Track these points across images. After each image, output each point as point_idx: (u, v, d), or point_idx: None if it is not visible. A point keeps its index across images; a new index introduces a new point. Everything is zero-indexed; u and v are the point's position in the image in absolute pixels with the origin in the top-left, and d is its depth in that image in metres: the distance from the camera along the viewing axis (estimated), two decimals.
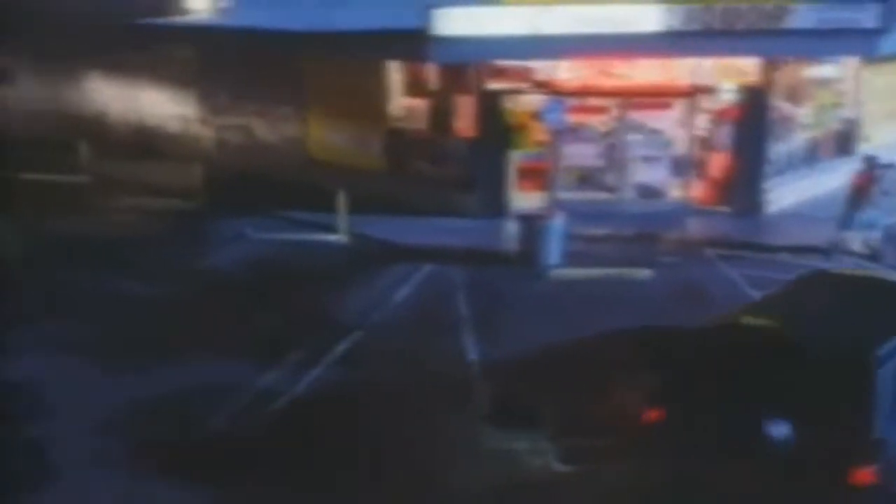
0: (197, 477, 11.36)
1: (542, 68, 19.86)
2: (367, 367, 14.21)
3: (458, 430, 12.40)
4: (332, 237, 19.50)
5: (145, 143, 24.87)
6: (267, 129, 22.98)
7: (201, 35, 23.19)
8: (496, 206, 20.14)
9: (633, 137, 20.35)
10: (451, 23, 18.27)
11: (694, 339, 11.20)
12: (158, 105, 24.68)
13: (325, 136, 22.29)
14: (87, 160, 23.02)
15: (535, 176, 20.04)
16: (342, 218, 19.53)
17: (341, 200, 19.44)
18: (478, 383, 13.54)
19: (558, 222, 17.87)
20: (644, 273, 17.43)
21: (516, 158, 20.38)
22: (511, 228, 18.99)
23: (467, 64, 20.04)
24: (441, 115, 21.07)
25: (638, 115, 20.26)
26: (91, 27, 25.44)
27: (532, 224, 17.94)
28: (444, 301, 16.50)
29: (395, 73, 21.43)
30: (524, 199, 19.91)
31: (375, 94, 21.52)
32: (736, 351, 10.48)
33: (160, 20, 23.87)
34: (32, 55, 27.61)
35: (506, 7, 18.61)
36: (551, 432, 12.18)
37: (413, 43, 18.68)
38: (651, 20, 18.50)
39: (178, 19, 23.67)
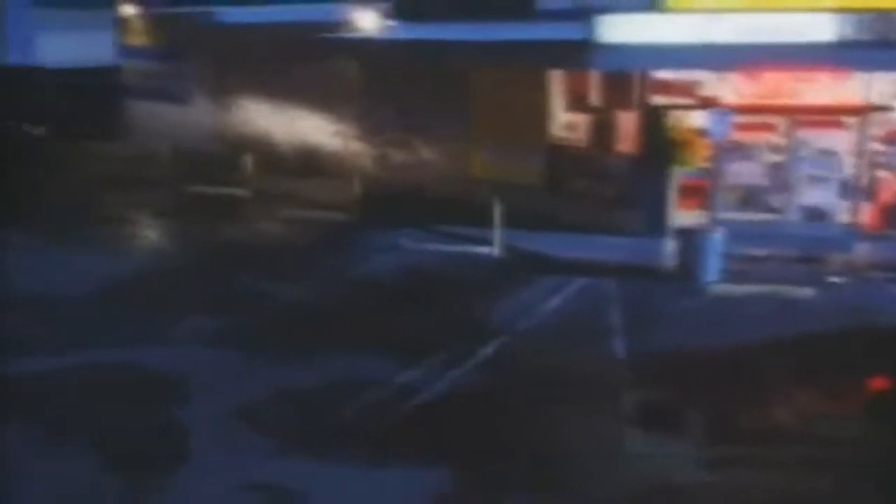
0: (325, 463, 11.27)
1: (708, 83, 19.30)
2: (510, 371, 13.93)
3: (602, 434, 12.00)
4: (485, 250, 19.31)
5: (306, 159, 25.28)
6: (427, 144, 22.98)
7: (367, 50, 23.45)
8: (656, 225, 19.57)
9: (801, 157, 19.52)
10: (615, 31, 17.93)
11: None
12: (321, 122, 25.03)
13: (484, 151, 22.14)
14: (250, 175, 23.63)
15: (697, 194, 19.42)
16: (497, 232, 19.34)
17: (497, 214, 19.26)
18: (625, 389, 13.12)
19: (718, 237, 17.27)
20: (806, 292, 16.62)
21: (678, 176, 19.81)
22: (670, 246, 18.42)
23: (630, 78, 19.66)
24: (603, 132, 20.68)
25: (807, 134, 19.43)
26: (258, 44, 26.24)
27: (691, 238, 17.41)
28: (595, 312, 16.09)
29: (557, 88, 21.16)
30: (684, 218, 19.29)
31: (537, 109, 21.30)
32: None
33: (328, 36, 24.25)
34: (203, 74, 28.58)
35: (671, 15, 18.17)
36: (699, 440, 11.75)
37: (577, 52, 18.39)
38: (823, 30, 17.73)
39: (345, 35, 23.97)
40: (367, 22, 23.72)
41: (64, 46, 34.61)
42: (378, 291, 17.53)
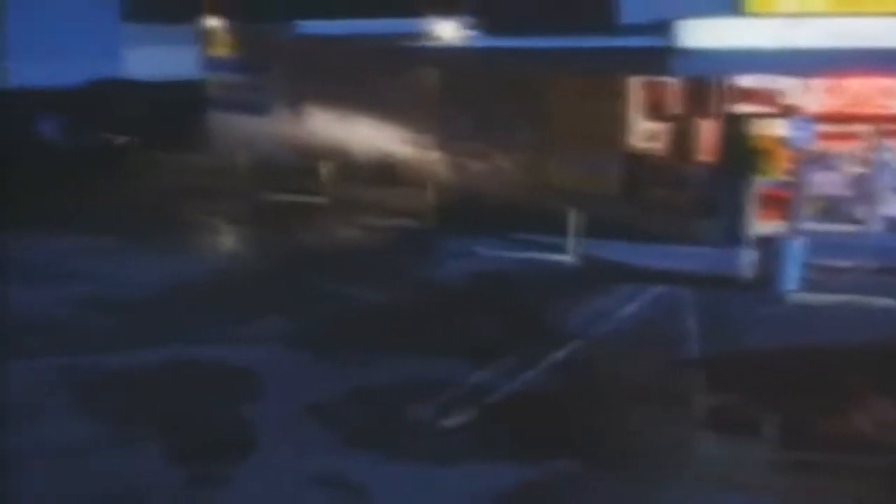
0: (392, 459, 11.27)
1: (790, 91, 18.99)
2: (583, 374, 13.81)
3: (674, 436, 11.82)
4: (560, 257, 19.17)
5: (383, 168, 25.42)
6: (504, 153, 22.96)
7: (446, 58, 23.55)
8: (735, 235, 19.25)
9: (885, 167, 19.09)
10: (695, 36, 17.73)
11: None
12: (398, 131, 25.16)
13: (561, 160, 22.02)
14: (328, 184, 23.84)
15: (777, 204, 19.10)
16: (572, 239, 19.20)
17: (573, 222, 19.13)
18: (701, 393, 12.90)
19: (799, 246, 16.95)
20: (887, 303, 16.21)
21: (758, 186, 19.49)
22: (749, 256, 18.12)
23: (710, 86, 19.43)
24: (681, 140, 20.43)
25: (892, 144, 19.01)
26: (338, 55, 26.52)
27: (772, 247, 17.13)
28: (671, 319, 15.85)
29: (636, 96, 20.99)
30: (764, 228, 18.96)
31: (615, 118, 21.14)
32: None
33: (407, 45, 24.43)
34: (284, 85, 28.92)
35: (751, 19, 17.92)
36: (773, 445, 11.53)
37: (656, 58, 18.22)
38: None
39: (424, 44, 24.11)
40: (447, 32, 23.82)
41: (149, 60, 35.37)
42: (451, 295, 17.52)
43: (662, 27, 18.75)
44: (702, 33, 17.80)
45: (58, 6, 35.19)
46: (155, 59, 35.24)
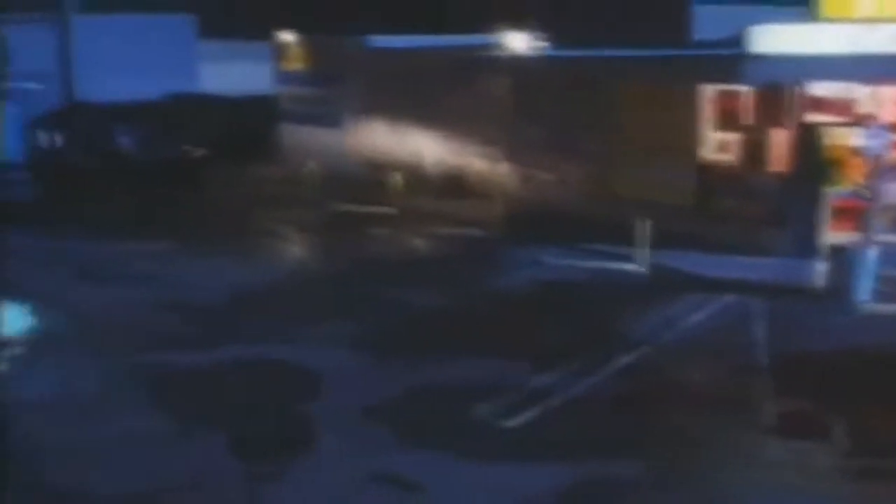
0: (448, 458, 11.24)
1: (864, 99, 18.66)
2: (649, 378, 13.68)
3: (740, 441, 11.65)
4: (628, 266, 19.00)
5: (453, 179, 25.46)
6: (573, 163, 22.80)
7: (516, 68, 23.59)
8: (806, 245, 18.91)
9: None
10: (768, 41, 17.49)
11: None
12: (468, 143, 25.18)
13: (631, 170, 21.80)
14: (397, 195, 23.97)
15: (851, 215, 18.68)
16: (641, 249, 19.02)
17: (641, 232, 18.96)
18: (768, 399, 12.71)
19: (872, 257, 16.61)
20: None
21: (831, 196, 19.14)
22: (820, 266, 17.80)
23: (783, 95, 19.15)
24: (753, 150, 20.13)
25: None
26: (409, 68, 26.69)
27: (844, 257, 16.81)
28: (740, 327, 15.56)
29: (707, 105, 20.74)
30: (837, 239, 18.60)
31: (686, 128, 20.90)
32: None
33: (478, 55, 24.56)
34: (355, 98, 29.14)
35: (825, 24, 17.65)
36: (841, 451, 11.33)
37: (728, 65, 18.01)
38: None
39: (495, 55, 24.19)
40: (519, 45, 23.86)
41: (225, 76, 35.95)
42: (516, 302, 17.45)
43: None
44: (775, 39, 17.54)
45: (136, 23, 35.94)
46: (230, 74, 35.82)
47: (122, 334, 15.37)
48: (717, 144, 20.76)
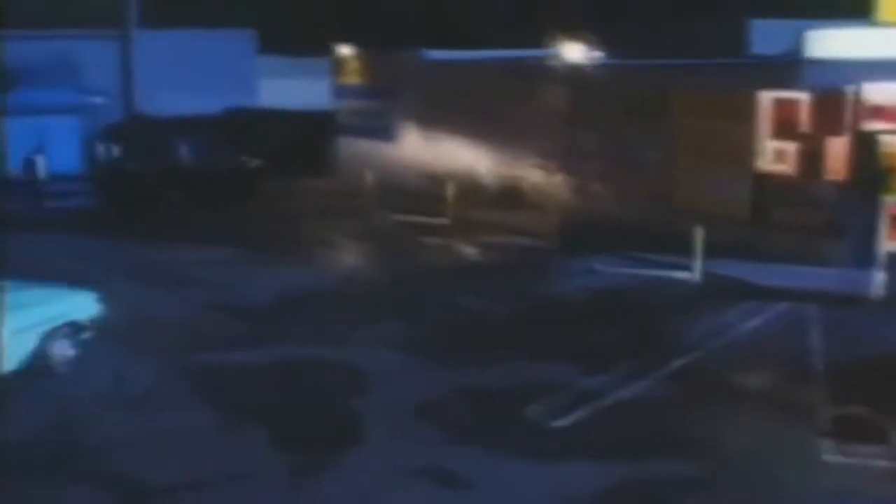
0: (496, 454, 11.28)
1: None
2: (701, 381, 13.57)
3: (793, 444, 11.55)
4: (682, 274, 18.88)
5: (508, 190, 25.49)
6: (629, 174, 22.75)
7: (572, 78, 23.61)
8: (864, 254, 18.67)
9: None
10: (825, 46, 17.33)
11: None
12: (524, 154, 25.21)
13: (686, 181, 21.67)
14: (452, 206, 24.03)
15: None
16: (697, 259, 18.88)
17: (697, 241, 18.82)
18: (822, 403, 12.52)
19: None
20: None
21: (889, 205, 18.90)
22: (879, 276, 17.57)
23: (841, 103, 18.94)
24: (811, 160, 19.91)
25: None
26: (464, 81, 26.84)
27: None
28: (795, 334, 15.43)
29: (764, 114, 20.56)
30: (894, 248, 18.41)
31: (743, 137, 20.72)
32: None
33: (534, 65, 24.63)
34: (411, 111, 29.31)
35: (884, 28, 17.46)
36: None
37: (786, 70, 17.86)
38: None
39: (551, 65, 24.23)
40: (575, 54, 23.88)
41: (283, 91, 36.44)
42: (568, 307, 17.45)
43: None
44: (832, 43, 17.37)
45: (197, 39, 36.49)
46: (289, 90, 36.30)
47: (179, 333, 15.60)
48: (775, 153, 20.56)
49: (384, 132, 30.25)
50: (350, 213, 25.66)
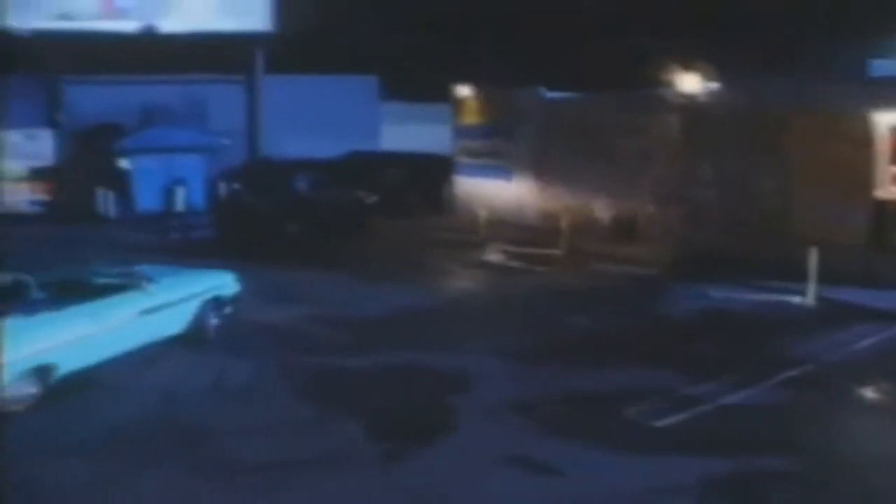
0: (588, 447, 11.35)
1: None
2: (807, 391, 13.39)
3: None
4: (796, 299, 18.57)
5: (622, 223, 25.47)
6: (743, 201, 22.48)
7: (687, 107, 23.58)
8: None
9: None
10: None
11: None
12: (638, 186, 25.16)
13: (803, 207, 21.28)
14: (565, 240, 24.18)
15: None
16: (811, 284, 18.55)
17: (811, 264, 18.50)
18: None
19: None
20: None
21: None
22: None
23: None
24: None
25: None
26: (578, 118, 27.02)
27: None
28: None
29: (882, 140, 20.12)
30: None
31: (861, 163, 20.30)
32: None
33: (650, 94, 24.69)
34: (526, 149, 29.56)
35: None
36: None
37: None
38: None
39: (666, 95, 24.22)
40: (689, 85, 23.80)
41: (405, 135, 37.14)
42: (678, 326, 17.37)
43: None
44: None
45: (322, 84, 37.45)
46: (410, 135, 36.97)
47: (296, 340, 16.13)
48: (893, 178, 20.11)
49: (501, 170, 30.52)
50: (463, 245, 25.90)
